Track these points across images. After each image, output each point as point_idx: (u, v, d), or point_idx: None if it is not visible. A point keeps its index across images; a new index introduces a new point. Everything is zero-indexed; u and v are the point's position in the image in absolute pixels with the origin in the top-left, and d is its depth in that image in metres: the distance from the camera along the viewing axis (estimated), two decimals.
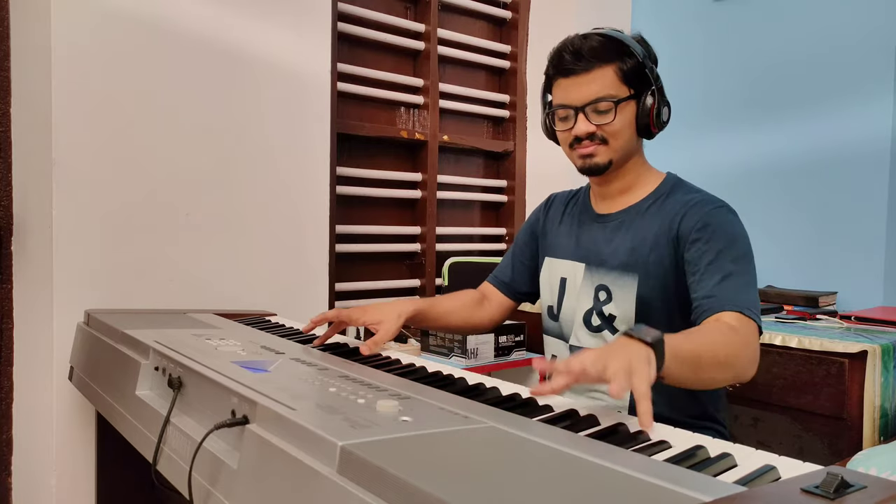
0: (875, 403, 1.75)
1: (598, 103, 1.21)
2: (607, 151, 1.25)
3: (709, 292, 1.14)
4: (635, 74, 1.23)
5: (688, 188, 1.30)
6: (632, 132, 1.25)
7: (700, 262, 1.18)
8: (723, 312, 1.12)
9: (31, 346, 1.66)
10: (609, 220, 1.33)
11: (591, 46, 1.22)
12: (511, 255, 1.52)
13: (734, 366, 1.06)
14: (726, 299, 1.13)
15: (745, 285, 1.15)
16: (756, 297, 1.16)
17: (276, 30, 1.91)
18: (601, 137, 1.24)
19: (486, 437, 0.74)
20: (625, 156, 1.27)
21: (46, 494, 1.63)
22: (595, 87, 1.22)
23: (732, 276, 1.15)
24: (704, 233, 1.19)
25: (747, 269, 1.18)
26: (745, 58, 2.62)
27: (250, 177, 1.89)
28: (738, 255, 1.18)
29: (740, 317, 1.11)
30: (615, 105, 1.21)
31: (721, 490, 0.59)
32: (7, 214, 1.67)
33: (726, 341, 1.06)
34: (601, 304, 1.29)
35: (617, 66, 1.22)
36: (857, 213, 2.32)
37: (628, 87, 1.23)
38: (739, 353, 1.06)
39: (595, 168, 1.26)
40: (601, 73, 1.22)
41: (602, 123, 1.22)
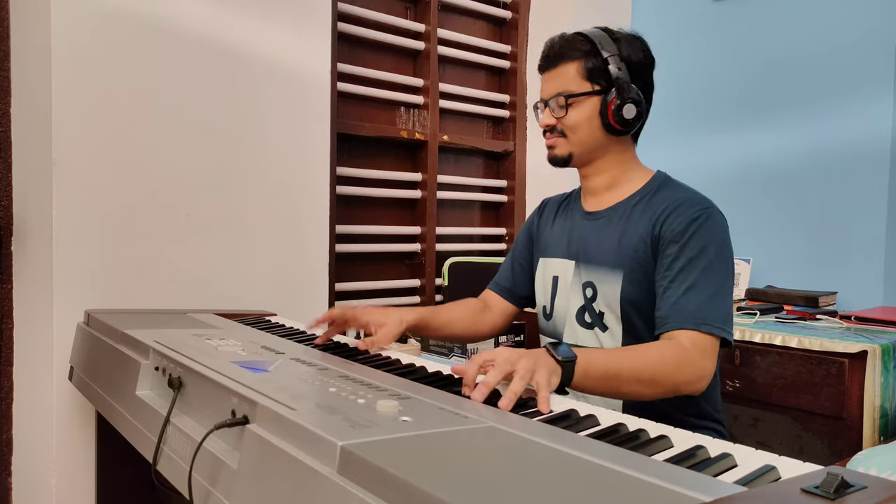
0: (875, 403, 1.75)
1: (557, 97, 1.29)
2: (566, 144, 1.31)
3: (669, 308, 1.18)
4: (599, 72, 1.27)
5: (676, 187, 1.31)
6: (593, 127, 1.29)
7: (669, 270, 1.20)
8: (678, 331, 1.16)
9: (31, 346, 1.66)
10: (597, 216, 1.35)
11: (560, 44, 1.30)
12: (511, 261, 1.53)
13: (663, 384, 1.12)
14: (685, 315, 1.16)
15: (708, 298, 1.17)
16: (723, 308, 1.18)
17: (276, 30, 1.91)
18: (560, 130, 1.31)
19: (486, 437, 0.74)
20: (589, 150, 1.31)
21: (46, 494, 1.63)
22: (557, 83, 1.30)
23: (696, 288, 1.17)
24: (681, 237, 1.20)
25: (715, 279, 1.18)
26: (745, 57, 2.62)
27: (250, 177, 1.89)
28: (708, 264, 1.19)
29: (694, 335, 1.15)
30: (566, 100, 1.28)
31: (721, 490, 0.59)
32: (7, 214, 1.67)
33: (659, 360, 1.12)
34: (589, 301, 1.31)
35: (580, 63, 1.28)
36: (857, 213, 2.32)
37: (591, 84, 1.27)
38: (672, 373, 1.12)
39: (554, 159, 1.34)
40: (563, 70, 1.29)
41: (559, 117, 1.30)
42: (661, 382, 1.12)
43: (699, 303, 1.16)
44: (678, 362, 1.13)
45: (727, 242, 1.23)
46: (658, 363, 1.12)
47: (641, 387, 1.12)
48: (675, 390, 1.14)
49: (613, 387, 1.10)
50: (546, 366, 0.99)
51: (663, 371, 1.11)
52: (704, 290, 1.17)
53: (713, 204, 1.25)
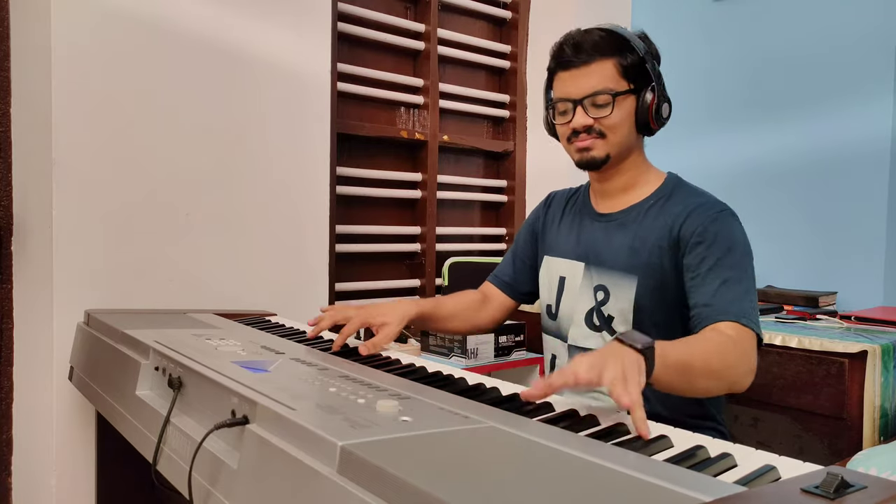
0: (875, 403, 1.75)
1: (596, 96, 1.21)
2: (605, 145, 1.24)
3: (707, 300, 1.15)
4: (635, 70, 1.23)
5: (690, 190, 1.29)
6: (630, 127, 1.25)
7: (699, 269, 1.18)
8: (720, 322, 1.12)
9: (31, 346, 1.66)
10: (610, 219, 1.32)
11: (591, 40, 1.22)
12: (512, 255, 1.51)
13: (728, 376, 1.07)
14: (724, 308, 1.13)
15: (744, 293, 1.15)
16: (754, 306, 1.16)
17: (276, 30, 1.91)
18: (598, 131, 1.23)
19: (486, 437, 0.74)
20: (623, 151, 1.27)
21: (46, 494, 1.63)
22: (594, 80, 1.22)
23: (730, 284, 1.15)
24: (705, 238, 1.18)
25: (746, 275, 1.17)
26: (745, 57, 2.62)
27: (250, 177, 1.89)
28: (737, 262, 1.17)
29: (738, 326, 1.11)
30: (613, 98, 1.21)
31: (721, 490, 0.59)
32: (7, 214, 1.67)
33: (721, 351, 1.07)
34: (600, 304, 1.29)
35: (616, 61, 1.22)
36: (857, 213, 2.32)
37: (628, 82, 1.23)
38: (734, 364, 1.07)
39: (592, 162, 1.26)
40: (600, 67, 1.22)
41: (600, 117, 1.22)
42: (724, 375, 1.06)
43: (734, 298, 1.13)
44: (735, 354, 1.08)
45: (748, 242, 1.22)
46: (721, 354, 1.06)
47: (711, 380, 1.05)
48: (733, 385, 1.08)
49: (688, 379, 1.01)
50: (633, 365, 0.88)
51: (726, 362, 1.06)
52: (737, 286, 1.15)
53: (728, 206, 1.24)
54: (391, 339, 1.30)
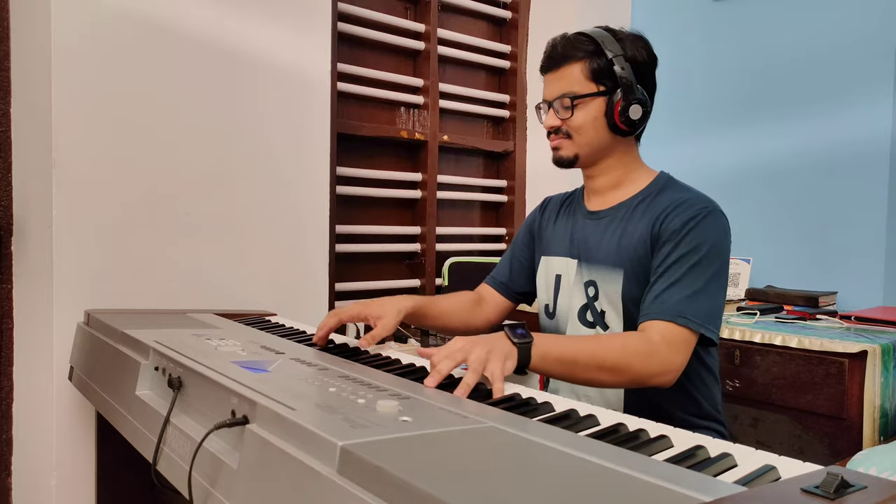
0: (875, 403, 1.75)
1: (562, 98, 1.28)
2: (571, 146, 1.31)
3: (651, 301, 1.19)
4: (604, 72, 1.26)
5: (678, 187, 1.31)
6: (599, 128, 1.29)
7: (659, 268, 1.21)
8: (652, 322, 1.16)
9: (31, 346, 1.66)
10: (600, 216, 1.35)
11: (563, 44, 1.29)
12: (509, 256, 1.53)
13: (625, 373, 1.13)
14: (664, 308, 1.16)
15: (693, 293, 1.17)
16: (707, 305, 1.17)
17: (276, 30, 1.91)
18: (565, 132, 1.30)
19: (486, 437, 0.74)
20: (595, 151, 1.31)
21: (46, 494, 1.62)
22: (562, 84, 1.29)
23: (681, 283, 1.17)
24: (676, 236, 1.21)
25: (703, 275, 1.18)
26: (745, 57, 2.62)
27: (250, 177, 1.89)
28: (698, 262, 1.18)
29: (669, 326, 1.15)
30: (572, 101, 1.27)
31: (721, 490, 0.59)
32: (7, 214, 1.67)
33: (621, 349, 1.12)
34: (591, 299, 1.31)
35: (585, 64, 1.27)
36: (857, 213, 2.32)
37: (597, 84, 1.27)
38: (634, 362, 1.12)
39: (560, 161, 1.33)
40: (568, 71, 1.28)
41: (564, 118, 1.29)
42: (622, 371, 1.12)
43: (680, 297, 1.16)
44: (642, 353, 1.13)
45: (722, 242, 1.22)
46: (620, 352, 1.12)
47: (601, 374, 1.12)
48: (639, 381, 1.14)
49: (571, 371, 1.12)
50: (500, 351, 1.03)
51: (625, 360, 1.12)
52: (689, 286, 1.17)
53: (715, 204, 1.25)
54: (389, 330, 1.30)
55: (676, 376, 1.15)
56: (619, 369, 1.12)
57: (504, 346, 1.05)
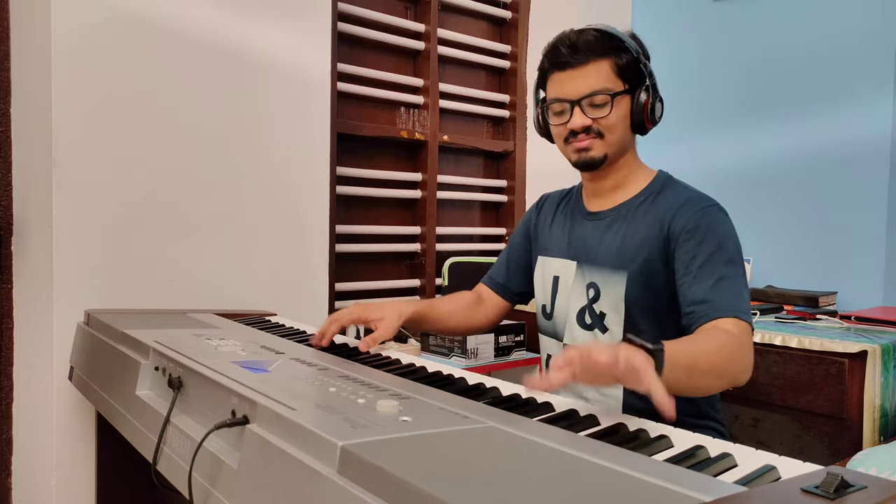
0: (875, 403, 1.75)
1: (594, 96, 1.22)
2: (603, 145, 1.25)
3: (703, 298, 1.14)
4: (630, 69, 1.24)
5: (679, 186, 1.30)
6: (626, 127, 1.26)
7: (692, 265, 1.18)
8: (719, 319, 1.12)
9: (31, 346, 1.66)
10: (600, 217, 1.33)
11: (586, 40, 1.23)
12: (506, 256, 1.52)
13: (729, 372, 1.07)
14: (721, 305, 1.13)
15: (738, 289, 1.16)
16: (748, 300, 1.17)
17: (276, 30, 1.91)
18: (597, 131, 1.24)
19: (486, 437, 0.74)
20: (619, 150, 1.28)
21: (46, 494, 1.62)
22: (591, 81, 1.22)
23: (725, 280, 1.15)
24: (696, 234, 1.19)
25: (738, 271, 1.18)
26: (745, 57, 2.62)
27: (250, 177, 1.89)
28: (730, 258, 1.18)
29: (737, 322, 1.12)
30: (611, 98, 1.22)
31: (721, 490, 0.59)
32: (7, 214, 1.67)
33: (722, 349, 1.07)
34: (591, 301, 1.30)
35: (612, 61, 1.23)
36: (857, 213, 2.32)
37: (623, 82, 1.24)
38: (735, 361, 1.08)
39: (590, 162, 1.27)
40: (597, 67, 1.22)
41: (598, 117, 1.23)
42: (726, 373, 1.06)
43: (731, 294, 1.14)
44: (736, 350, 1.08)
45: (737, 238, 1.23)
46: (723, 352, 1.06)
47: (712, 378, 1.05)
48: (733, 380, 1.09)
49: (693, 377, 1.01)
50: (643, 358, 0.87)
51: (728, 360, 1.06)
52: (732, 282, 1.16)
53: (717, 201, 1.25)
54: (390, 333, 1.30)
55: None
56: (725, 370, 1.06)
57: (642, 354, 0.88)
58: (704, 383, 1.05)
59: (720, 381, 1.08)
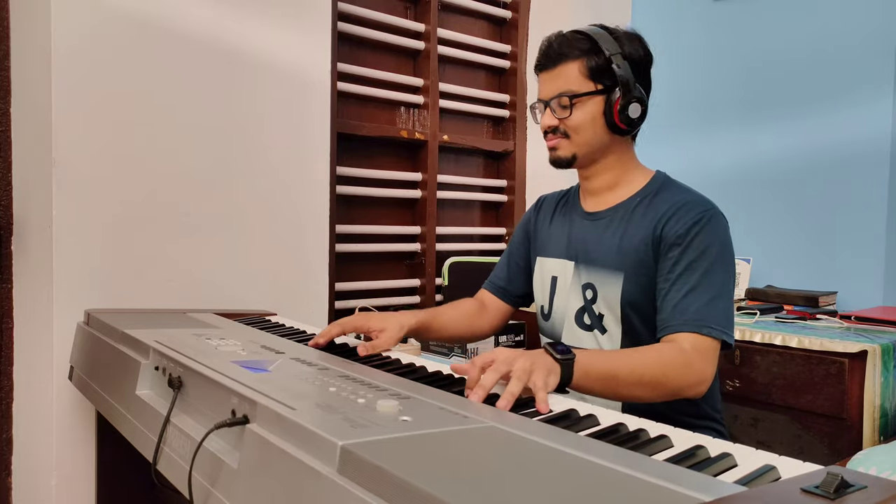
0: (875, 403, 1.75)
1: (559, 98, 1.26)
2: (569, 145, 1.29)
3: (669, 310, 1.17)
4: (602, 71, 1.25)
5: (676, 188, 1.30)
6: (597, 128, 1.27)
7: (670, 274, 1.19)
8: (679, 334, 1.15)
9: (31, 346, 1.66)
10: (597, 217, 1.34)
11: (559, 43, 1.28)
12: (507, 259, 1.52)
13: (665, 386, 1.11)
14: (686, 318, 1.15)
15: (711, 300, 1.16)
16: (723, 310, 1.17)
17: (276, 30, 1.91)
18: (563, 131, 1.28)
19: (486, 437, 0.74)
20: (593, 151, 1.29)
21: (46, 494, 1.63)
22: (559, 83, 1.27)
23: (697, 291, 1.16)
24: (682, 240, 1.20)
25: (716, 281, 1.17)
26: (745, 57, 2.62)
27: (250, 177, 1.89)
28: (709, 267, 1.18)
29: (696, 337, 1.14)
30: (570, 100, 1.25)
31: (721, 490, 0.59)
32: (7, 214, 1.68)
33: (659, 363, 1.11)
34: (589, 302, 1.30)
35: (582, 63, 1.25)
36: (857, 213, 2.32)
37: (595, 83, 1.25)
38: (674, 375, 1.11)
39: (558, 161, 1.31)
40: (565, 69, 1.27)
41: (562, 118, 1.27)
42: (661, 385, 1.11)
43: (700, 305, 1.15)
44: (679, 365, 1.12)
45: (729, 244, 1.22)
46: (659, 366, 1.11)
47: (641, 389, 1.11)
48: (676, 394, 1.13)
49: (612, 387, 1.10)
50: (543, 366, 0.99)
51: (664, 374, 1.11)
52: (705, 292, 1.16)
53: (715, 205, 1.24)
54: (390, 344, 1.29)
55: (707, 386, 1.14)
56: (658, 383, 1.10)
57: (547, 361, 1.01)
58: (632, 392, 1.11)
59: (654, 392, 1.12)
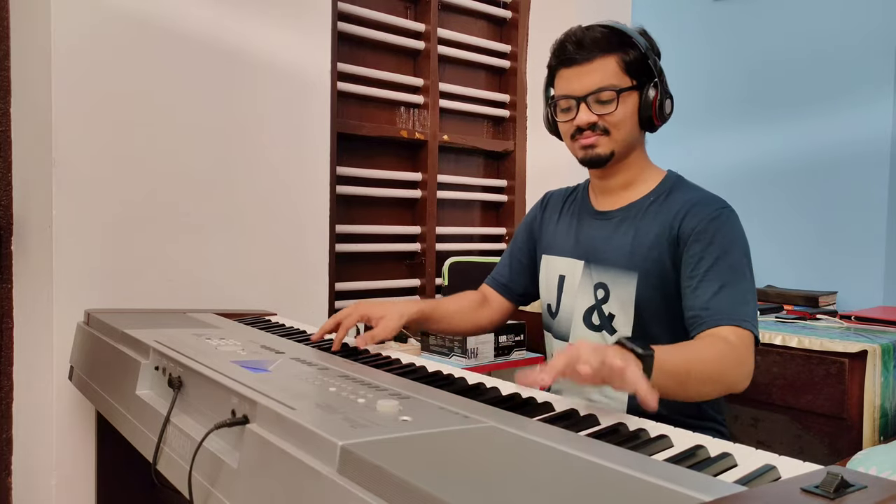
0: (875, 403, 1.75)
1: (600, 93, 1.21)
2: (609, 142, 1.24)
3: (705, 304, 1.14)
4: (638, 66, 1.23)
5: (689, 187, 1.29)
6: (634, 124, 1.25)
7: (697, 269, 1.17)
8: (720, 327, 1.12)
9: (31, 346, 1.66)
10: (609, 217, 1.32)
11: (593, 37, 1.23)
12: (509, 256, 1.50)
13: (725, 381, 1.08)
14: (723, 312, 1.13)
15: (742, 295, 1.15)
16: (753, 306, 1.16)
17: (276, 30, 1.91)
18: (603, 128, 1.23)
19: (486, 437, 0.74)
20: (627, 148, 1.27)
21: (46, 494, 1.63)
22: (597, 77, 1.22)
23: (729, 286, 1.14)
24: (704, 236, 1.18)
25: (744, 276, 1.17)
26: (745, 57, 2.62)
27: (250, 177, 1.89)
28: (736, 262, 1.17)
29: (737, 331, 1.11)
30: (617, 94, 1.21)
31: (721, 490, 0.59)
32: (7, 214, 1.68)
33: (718, 357, 1.07)
34: (600, 302, 1.29)
35: (619, 57, 1.22)
36: (857, 213, 2.32)
37: (630, 78, 1.23)
38: (731, 370, 1.08)
39: (596, 159, 1.26)
40: (603, 63, 1.22)
41: (604, 113, 1.22)
42: (720, 381, 1.07)
43: (734, 300, 1.14)
44: (733, 359, 1.08)
45: (747, 241, 1.21)
46: (718, 360, 1.07)
47: (707, 386, 1.06)
48: (731, 388, 1.09)
49: (683, 384, 1.02)
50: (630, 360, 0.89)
51: (724, 368, 1.07)
52: (737, 287, 1.15)
53: (727, 203, 1.24)
54: (390, 333, 1.29)
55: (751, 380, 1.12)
56: (719, 378, 1.07)
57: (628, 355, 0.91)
58: (699, 390, 1.06)
59: (715, 389, 1.08)
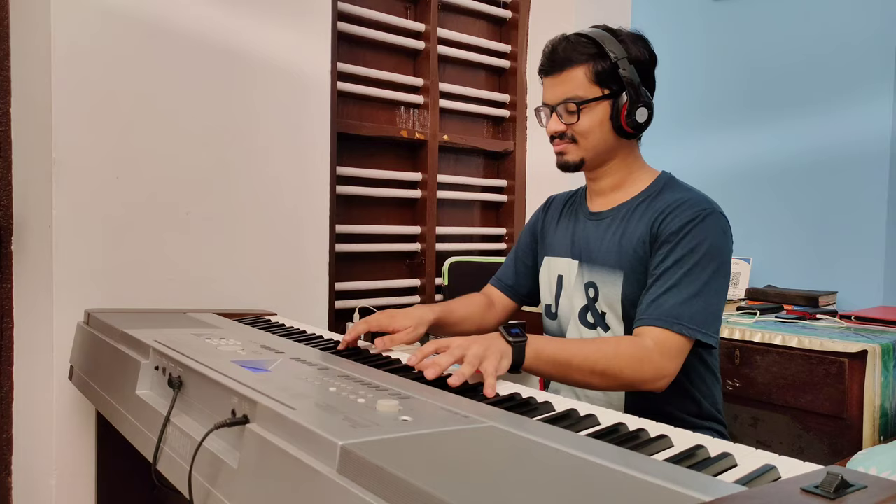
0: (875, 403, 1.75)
1: (567, 104, 1.26)
2: (577, 150, 1.29)
3: (646, 305, 1.19)
4: (609, 75, 1.25)
5: (679, 187, 1.30)
6: (605, 132, 1.27)
7: (656, 269, 1.20)
8: (647, 328, 1.16)
9: (31, 346, 1.66)
10: (600, 217, 1.35)
11: (563, 48, 1.27)
12: (514, 257, 1.53)
13: (616, 377, 1.13)
14: (658, 314, 1.16)
15: (690, 297, 1.16)
16: (703, 309, 1.16)
17: (276, 30, 1.91)
18: (571, 136, 1.28)
19: (486, 437, 0.74)
20: (601, 154, 1.30)
21: (46, 494, 1.62)
22: (565, 88, 1.27)
23: (677, 288, 1.16)
24: (674, 237, 1.20)
25: (700, 278, 1.17)
26: (745, 57, 2.62)
27: (250, 176, 1.89)
28: (696, 264, 1.18)
29: (664, 333, 1.15)
30: (578, 107, 1.25)
31: (721, 490, 0.59)
32: (7, 214, 1.67)
33: (612, 354, 1.13)
34: (592, 301, 1.31)
35: (588, 67, 1.25)
36: (857, 213, 2.32)
37: (601, 88, 1.25)
38: (629, 368, 1.13)
39: (566, 165, 1.32)
40: (571, 75, 1.26)
41: (570, 123, 1.27)
42: (615, 377, 1.13)
43: (676, 302, 1.16)
44: (634, 359, 1.13)
45: (721, 244, 1.21)
46: (612, 357, 1.13)
47: (593, 377, 1.14)
48: (632, 386, 1.15)
49: (564, 373, 1.14)
50: (496, 351, 1.05)
51: (617, 365, 1.13)
52: (685, 290, 1.16)
53: (715, 205, 1.24)
54: (412, 339, 1.29)
55: (668, 382, 1.16)
56: (611, 374, 1.13)
57: (499, 344, 1.07)
58: (584, 380, 1.15)
59: (606, 382, 1.15)
